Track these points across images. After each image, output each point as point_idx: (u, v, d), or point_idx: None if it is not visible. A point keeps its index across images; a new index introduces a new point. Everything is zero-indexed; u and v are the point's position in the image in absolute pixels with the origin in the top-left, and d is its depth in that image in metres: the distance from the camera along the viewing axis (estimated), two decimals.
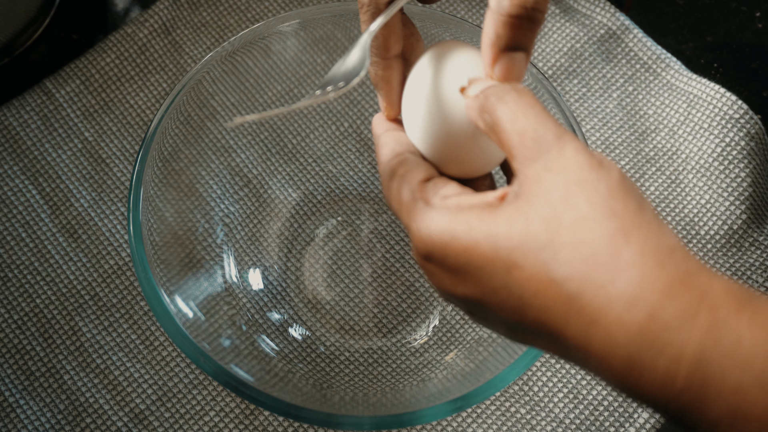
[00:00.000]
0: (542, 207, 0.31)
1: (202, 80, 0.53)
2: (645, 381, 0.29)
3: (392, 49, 0.41)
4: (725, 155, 0.60)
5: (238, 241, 0.58)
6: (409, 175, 0.37)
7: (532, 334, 0.32)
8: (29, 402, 0.55)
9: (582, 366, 0.31)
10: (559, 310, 0.30)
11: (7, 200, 0.60)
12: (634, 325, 0.28)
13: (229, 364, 0.48)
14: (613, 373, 0.30)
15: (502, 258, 0.31)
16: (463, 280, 0.33)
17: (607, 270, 0.29)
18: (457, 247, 0.33)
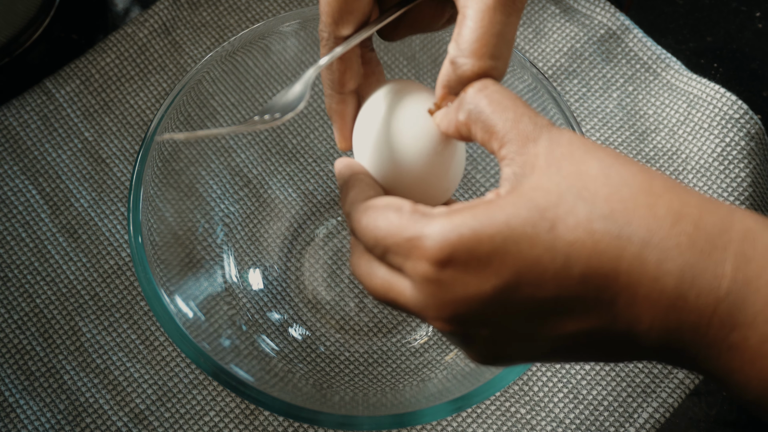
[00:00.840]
0: (563, 170, 0.32)
1: (202, 80, 0.53)
2: (696, 291, 0.30)
3: (348, 84, 0.42)
4: (725, 155, 0.60)
5: (238, 241, 0.58)
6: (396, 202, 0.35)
7: (573, 305, 0.31)
8: (29, 402, 0.55)
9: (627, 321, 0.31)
10: (610, 247, 0.31)
11: (7, 200, 0.60)
12: (684, 235, 0.30)
13: (229, 364, 0.48)
14: (664, 298, 0.30)
15: (545, 213, 0.31)
16: (497, 266, 0.31)
17: (648, 196, 0.31)
18: (490, 231, 0.32)
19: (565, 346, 0.33)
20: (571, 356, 0.34)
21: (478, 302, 0.32)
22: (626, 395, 0.55)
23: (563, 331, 0.32)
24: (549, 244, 0.31)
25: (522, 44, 0.66)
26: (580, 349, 0.33)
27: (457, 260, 0.32)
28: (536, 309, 0.32)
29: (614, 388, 0.55)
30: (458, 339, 0.34)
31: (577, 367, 0.56)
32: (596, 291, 0.31)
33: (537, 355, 0.34)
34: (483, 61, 0.36)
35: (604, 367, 0.56)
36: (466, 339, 0.34)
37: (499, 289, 0.32)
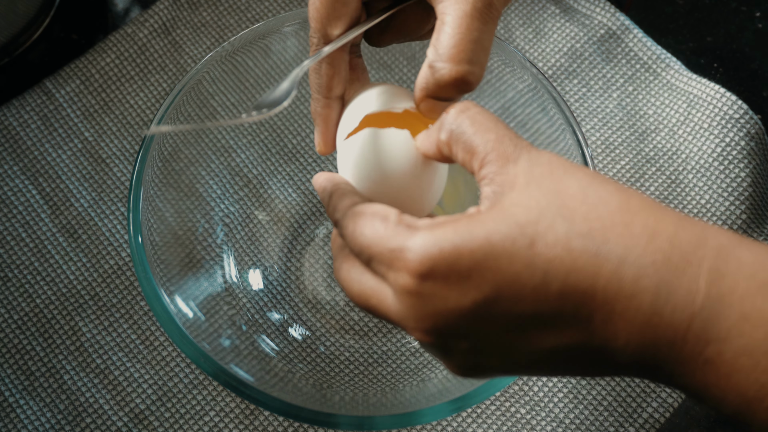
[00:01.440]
0: (542, 188, 0.33)
1: (202, 80, 0.53)
2: (671, 307, 0.31)
3: (335, 89, 0.43)
4: (725, 155, 0.60)
5: (238, 241, 0.58)
6: (383, 211, 0.36)
7: (550, 321, 0.32)
8: (29, 402, 0.55)
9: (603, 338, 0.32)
10: (588, 264, 0.31)
11: (7, 200, 0.60)
12: (660, 252, 0.31)
13: (229, 364, 0.48)
14: (640, 314, 0.31)
15: (522, 235, 0.32)
16: (477, 281, 0.32)
17: (624, 214, 0.32)
18: (470, 246, 0.32)
19: (543, 360, 0.33)
20: (550, 370, 0.34)
21: (457, 315, 0.33)
22: (626, 395, 0.55)
23: (542, 345, 0.33)
24: (528, 261, 0.32)
25: (522, 44, 0.66)
26: (559, 364, 0.33)
27: (437, 274, 0.32)
28: (515, 323, 0.32)
29: (614, 388, 0.55)
30: (437, 351, 0.34)
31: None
32: (574, 307, 0.32)
33: (515, 368, 0.34)
34: (461, 66, 0.37)
35: None
36: (445, 351, 0.34)
37: (479, 303, 0.32)
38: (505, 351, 0.33)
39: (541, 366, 0.34)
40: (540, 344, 0.33)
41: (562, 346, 0.32)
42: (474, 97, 0.58)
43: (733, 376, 0.31)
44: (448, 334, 0.33)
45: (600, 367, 0.33)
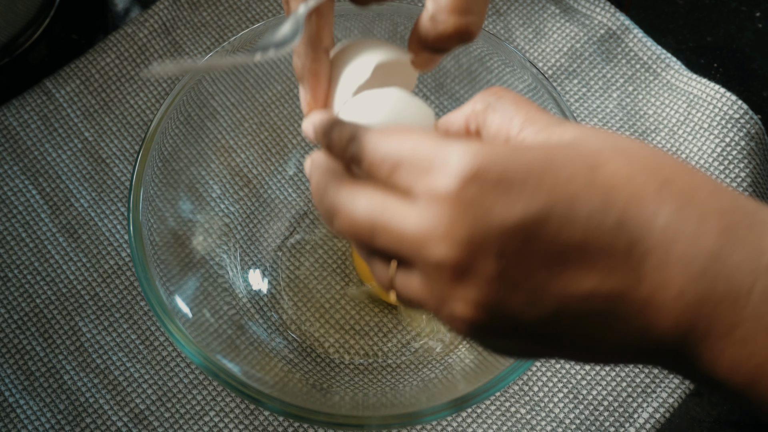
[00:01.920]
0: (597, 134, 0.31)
1: (202, 80, 0.53)
2: (736, 258, 0.28)
3: (324, 40, 0.40)
4: (725, 155, 0.60)
5: (238, 241, 0.58)
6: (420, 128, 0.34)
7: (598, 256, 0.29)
8: (29, 402, 0.55)
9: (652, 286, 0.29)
10: (650, 198, 0.29)
11: (7, 200, 0.60)
12: (727, 199, 0.29)
13: (230, 364, 0.48)
14: (700, 258, 0.28)
15: (585, 156, 0.29)
16: (529, 193, 0.29)
17: (686, 164, 0.30)
18: (527, 155, 0.29)
19: (570, 313, 0.30)
20: (569, 333, 0.30)
21: (499, 229, 0.29)
22: (626, 395, 0.55)
23: (578, 288, 0.29)
24: (588, 181, 0.29)
25: (522, 44, 0.66)
26: (584, 323, 0.30)
27: (485, 177, 0.29)
28: (558, 252, 0.29)
29: (614, 388, 0.55)
30: (456, 273, 0.30)
31: (577, 367, 0.56)
32: (627, 244, 0.29)
33: (535, 319, 0.30)
34: (463, 17, 0.37)
35: (604, 367, 0.56)
36: (466, 276, 0.29)
37: (527, 218, 0.29)
38: (535, 289, 0.29)
39: (564, 323, 0.30)
40: (576, 287, 0.29)
41: (599, 294, 0.29)
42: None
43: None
44: (481, 249, 0.29)
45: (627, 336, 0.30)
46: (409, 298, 0.32)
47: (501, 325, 0.30)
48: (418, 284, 0.31)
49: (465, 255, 0.29)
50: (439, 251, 0.29)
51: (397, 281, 0.33)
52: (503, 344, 0.32)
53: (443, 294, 0.30)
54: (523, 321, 0.30)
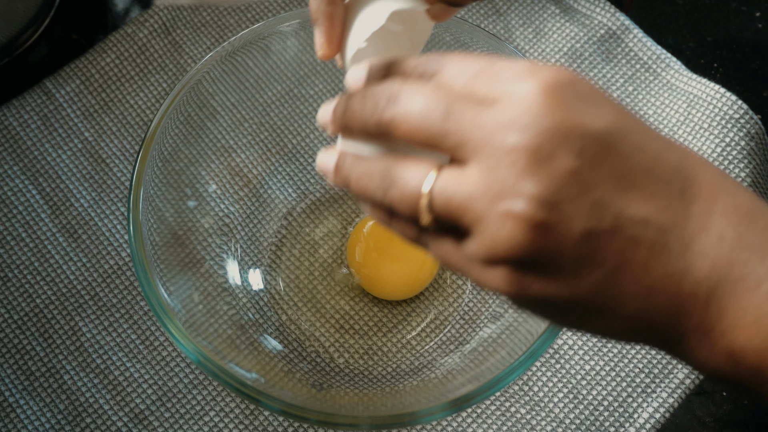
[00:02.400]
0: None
1: (202, 80, 0.53)
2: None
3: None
4: (725, 155, 0.60)
5: (238, 241, 0.58)
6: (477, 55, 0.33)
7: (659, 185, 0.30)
8: (29, 402, 0.55)
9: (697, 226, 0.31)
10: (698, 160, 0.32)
11: (7, 200, 0.60)
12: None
13: (229, 363, 0.48)
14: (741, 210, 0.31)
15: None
16: (612, 110, 0.31)
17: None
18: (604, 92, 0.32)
19: (623, 236, 0.30)
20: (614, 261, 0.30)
21: (585, 129, 0.29)
22: (626, 395, 0.55)
23: (637, 212, 0.30)
24: (654, 130, 0.32)
25: (522, 44, 0.66)
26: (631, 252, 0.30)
27: (578, 87, 0.30)
28: (627, 172, 0.30)
29: (614, 388, 0.55)
30: (532, 159, 0.29)
31: (577, 367, 0.56)
32: (682, 185, 0.31)
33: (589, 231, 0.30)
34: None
35: (604, 368, 0.56)
36: (541, 164, 0.29)
37: (610, 130, 0.30)
38: (599, 201, 0.30)
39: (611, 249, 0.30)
40: (636, 210, 0.30)
41: (652, 224, 0.30)
42: None
43: None
44: (562, 142, 0.29)
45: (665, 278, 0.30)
46: (454, 195, 0.31)
47: (556, 237, 0.30)
48: (474, 177, 0.30)
49: (547, 142, 0.29)
50: (520, 135, 0.29)
51: (443, 177, 0.31)
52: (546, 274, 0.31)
53: (506, 185, 0.29)
54: (578, 232, 0.30)
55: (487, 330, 0.54)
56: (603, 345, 0.56)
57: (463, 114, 0.30)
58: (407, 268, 0.57)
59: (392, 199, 0.33)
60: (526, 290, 0.31)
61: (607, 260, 0.30)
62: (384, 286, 0.57)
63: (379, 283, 0.57)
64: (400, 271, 0.56)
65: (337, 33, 0.40)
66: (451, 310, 0.57)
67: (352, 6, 0.41)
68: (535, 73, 0.30)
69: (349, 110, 0.34)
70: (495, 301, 0.56)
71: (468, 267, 0.32)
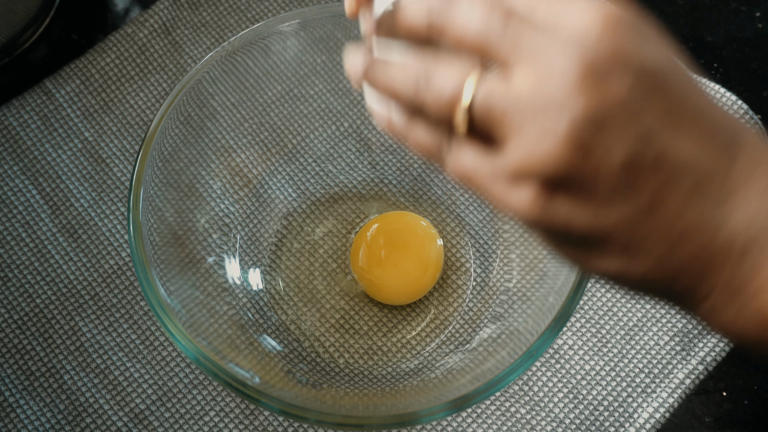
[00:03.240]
0: None
1: (202, 80, 0.53)
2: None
3: None
4: None
5: (238, 241, 0.58)
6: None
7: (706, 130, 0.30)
8: (29, 402, 0.55)
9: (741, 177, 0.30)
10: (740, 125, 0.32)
11: (7, 200, 0.60)
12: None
13: (229, 363, 0.48)
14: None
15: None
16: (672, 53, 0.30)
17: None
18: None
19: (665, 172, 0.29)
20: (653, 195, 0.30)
21: (643, 59, 0.29)
22: (626, 395, 0.55)
23: (681, 151, 0.29)
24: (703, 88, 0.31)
25: None
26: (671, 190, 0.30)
27: (638, 24, 0.30)
28: (678, 109, 0.30)
29: (614, 388, 0.55)
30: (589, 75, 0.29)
31: (577, 367, 0.56)
32: (729, 138, 0.30)
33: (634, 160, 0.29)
34: None
35: (604, 368, 0.56)
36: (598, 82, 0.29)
37: (666, 66, 0.29)
38: (648, 130, 0.29)
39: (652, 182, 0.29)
40: (681, 149, 0.29)
41: (696, 167, 0.30)
42: None
43: None
44: (620, 65, 0.29)
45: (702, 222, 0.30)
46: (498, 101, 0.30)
47: (596, 159, 0.29)
48: (523, 85, 0.29)
49: (604, 64, 0.28)
50: (578, 51, 0.28)
51: (489, 80, 0.30)
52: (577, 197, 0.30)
53: (555, 98, 0.28)
54: (619, 159, 0.29)
55: (487, 330, 0.54)
56: (603, 345, 0.56)
57: (522, 28, 0.29)
58: (411, 272, 0.57)
59: (425, 99, 0.31)
60: (552, 212, 0.30)
61: (643, 194, 0.29)
62: (388, 291, 0.57)
63: (383, 289, 0.57)
64: (405, 276, 0.56)
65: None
66: (451, 310, 0.57)
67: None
68: (599, 5, 0.29)
69: (401, 11, 0.32)
70: (495, 301, 0.56)
71: (491, 181, 0.31)
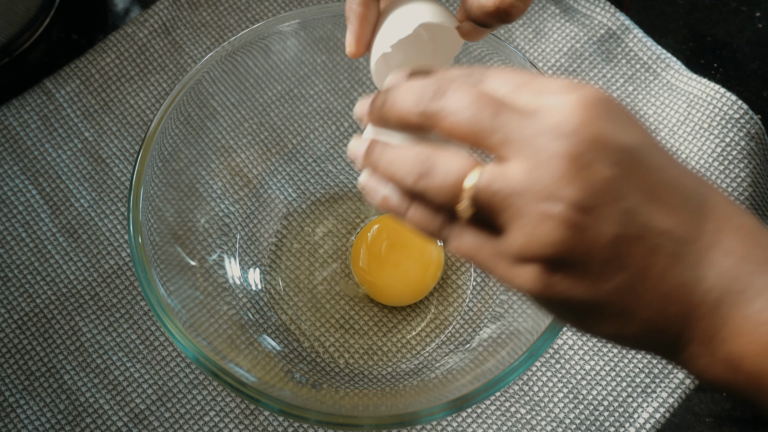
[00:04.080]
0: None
1: (202, 80, 0.53)
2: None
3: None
4: (725, 155, 0.60)
5: (238, 241, 0.58)
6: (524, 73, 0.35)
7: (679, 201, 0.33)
8: (29, 402, 0.55)
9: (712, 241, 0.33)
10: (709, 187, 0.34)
11: (7, 200, 0.60)
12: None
13: (229, 363, 0.48)
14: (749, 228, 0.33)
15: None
16: (641, 129, 0.33)
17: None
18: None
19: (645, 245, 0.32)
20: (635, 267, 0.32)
21: (621, 142, 0.32)
22: (626, 395, 0.55)
23: (660, 223, 0.32)
24: (672, 154, 0.34)
25: (522, 44, 0.66)
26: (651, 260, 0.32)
27: (616, 105, 0.33)
28: (655, 185, 0.32)
29: (614, 388, 0.55)
30: (574, 165, 0.31)
31: (577, 367, 0.56)
32: (700, 203, 0.33)
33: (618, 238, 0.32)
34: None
35: (604, 368, 0.56)
36: (582, 171, 0.31)
37: (643, 145, 0.32)
38: (629, 209, 0.32)
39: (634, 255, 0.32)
40: (659, 221, 0.32)
41: (672, 236, 0.32)
42: None
43: None
44: (602, 152, 0.32)
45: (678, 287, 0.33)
46: (500, 190, 0.32)
47: (588, 238, 0.32)
48: (518, 174, 0.32)
49: (587, 151, 0.31)
50: (563, 141, 0.31)
51: (488, 172, 0.32)
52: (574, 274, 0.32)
53: (548, 186, 0.31)
54: (608, 236, 0.32)
55: (487, 330, 0.54)
56: (603, 345, 0.56)
57: (509, 116, 0.32)
58: (413, 273, 0.57)
59: (427, 187, 0.34)
60: (552, 289, 0.33)
61: (631, 265, 0.32)
62: (390, 292, 0.57)
63: (385, 290, 0.57)
64: (406, 277, 0.56)
65: (366, 34, 0.41)
66: (451, 310, 0.57)
67: (387, 9, 0.42)
68: (573, 88, 0.33)
69: (389, 101, 0.36)
70: (495, 301, 0.56)
71: (495, 262, 0.34)
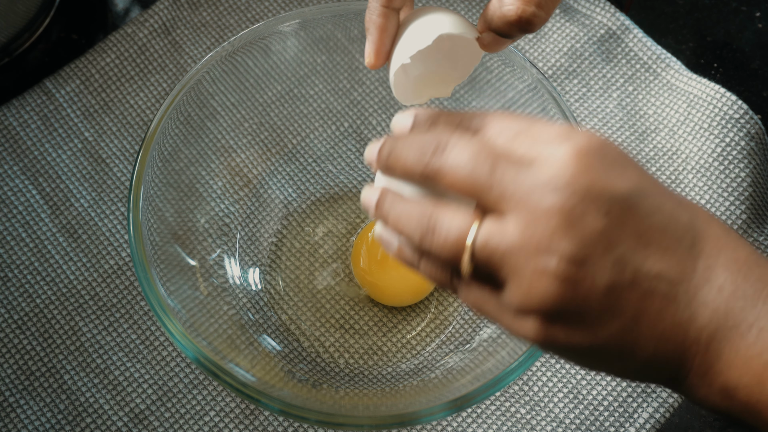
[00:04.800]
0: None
1: (202, 80, 0.53)
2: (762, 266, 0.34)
3: (395, 0, 0.42)
4: (725, 155, 0.60)
5: (237, 241, 0.58)
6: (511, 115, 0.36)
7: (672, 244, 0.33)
8: (29, 402, 0.55)
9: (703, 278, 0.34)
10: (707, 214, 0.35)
11: (7, 200, 0.60)
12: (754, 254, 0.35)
13: (229, 364, 0.48)
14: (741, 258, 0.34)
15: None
16: (639, 174, 0.34)
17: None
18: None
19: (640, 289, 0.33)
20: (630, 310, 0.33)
21: (612, 191, 0.33)
22: (626, 395, 0.55)
23: (653, 267, 0.33)
24: (668, 189, 0.35)
25: (522, 44, 0.66)
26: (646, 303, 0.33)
27: (607, 152, 0.33)
28: (647, 230, 0.33)
29: (614, 388, 0.55)
30: (566, 220, 0.32)
31: (577, 367, 0.56)
32: (692, 242, 0.34)
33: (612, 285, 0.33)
34: (528, 7, 0.38)
35: None
36: (574, 225, 0.32)
37: (633, 192, 0.33)
38: (621, 256, 0.33)
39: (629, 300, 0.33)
40: (652, 265, 0.33)
41: (665, 277, 0.33)
42: (474, 96, 0.58)
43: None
44: (593, 205, 0.32)
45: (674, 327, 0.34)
46: (496, 249, 0.33)
47: (583, 290, 0.33)
48: (514, 231, 0.33)
49: (578, 204, 0.32)
50: (555, 196, 0.32)
51: (485, 230, 0.34)
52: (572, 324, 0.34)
53: (542, 242, 0.32)
54: (602, 286, 0.33)
55: (487, 330, 0.54)
56: None
57: (505, 171, 0.33)
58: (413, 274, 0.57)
59: (431, 245, 0.35)
60: (554, 338, 0.34)
61: (626, 311, 0.33)
62: (391, 293, 0.57)
63: (386, 291, 0.57)
64: (407, 277, 0.56)
65: (386, 45, 0.42)
66: (451, 310, 0.57)
67: (407, 21, 0.42)
68: (568, 137, 0.33)
69: (394, 154, 0.37)
70: None
71: (499, 314, 0.35)
